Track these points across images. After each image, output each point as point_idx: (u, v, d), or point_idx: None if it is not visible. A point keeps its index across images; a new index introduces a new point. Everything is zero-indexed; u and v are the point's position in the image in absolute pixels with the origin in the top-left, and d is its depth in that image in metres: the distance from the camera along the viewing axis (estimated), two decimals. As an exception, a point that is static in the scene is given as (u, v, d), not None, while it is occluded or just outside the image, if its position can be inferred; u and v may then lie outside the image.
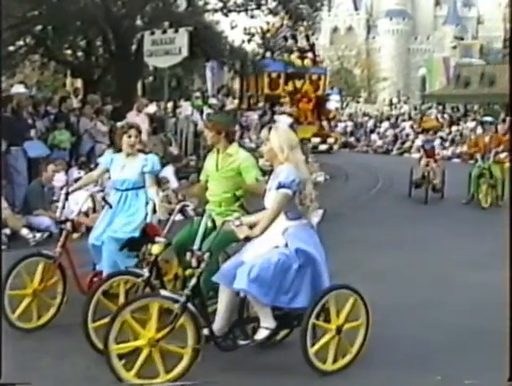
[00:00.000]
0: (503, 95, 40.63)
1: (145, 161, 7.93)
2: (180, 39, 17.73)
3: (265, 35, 29.86)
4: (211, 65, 28.05)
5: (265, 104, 30.41)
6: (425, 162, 17.60)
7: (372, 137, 39.32)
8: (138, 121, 13.04)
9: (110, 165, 8.07)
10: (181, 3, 22.39)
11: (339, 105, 52.64)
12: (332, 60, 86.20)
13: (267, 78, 32.48)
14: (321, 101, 35.52)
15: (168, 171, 15.73)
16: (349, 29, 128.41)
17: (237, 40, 25.90)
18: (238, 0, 23.05)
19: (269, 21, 29.90)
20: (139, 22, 21.96)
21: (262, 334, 6.10)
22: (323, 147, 32.49)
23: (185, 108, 22.79)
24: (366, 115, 46.45)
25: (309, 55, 34.38)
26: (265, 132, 6.30)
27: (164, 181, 14.68)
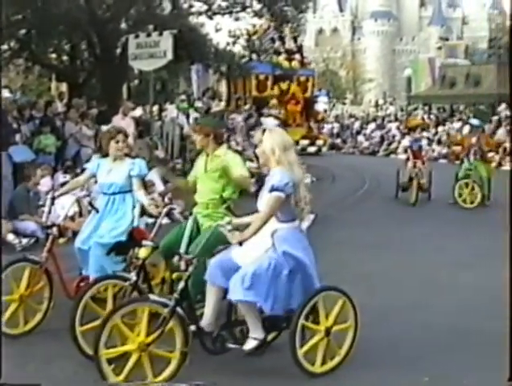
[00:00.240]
0: (489, 95, 40.91)
1: (132, 165, 7.92)
2: (165, 42, 17.69)
3: (250, 37, 29.80)
4: (196, 68, 28.03)
5: (251, 106, 30.37)
6: (412, 164, 17.53)
7: (358, 138, 39.34)
8: (124, 125, 13.02)
9: (97, 170, 8.05)
10: (166, 6, 22.34)
11: (327, 107, 52.75)
12: (318, 62, 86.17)
13: (255, 80, 32.39)
14: (309, 103, 35.46)
15: (154, 175, 15.67)
16: (334, 30, 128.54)
17: (222, 43, 25.87)
18: (223, 3, 23.00)
19: (255, 23, 29.88)
20: (124, 25, 21.90)
21: (251, 344, 6.09)
22: (311, 149, 32.47)
23: (171, 111, 22.77)
24: (352, 116, 46.50)
25: (297, 57, 34.35)
26: (258, 134, 6.29)
27: (150, 184, 14.63)
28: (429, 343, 7.10)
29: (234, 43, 26.61)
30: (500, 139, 28.06)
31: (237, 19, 24.20)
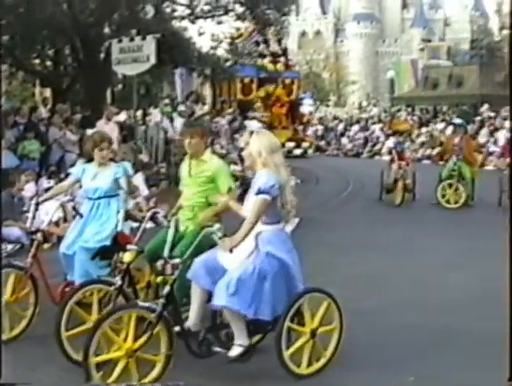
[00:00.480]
0: (471, 96, 41.11)
1: (117, 168, 7.94)
2: (148, 47, 17.67)
3: (234, 41, 29.77)
4: (179, 72, 28.01)
5: (235, 109, 30.35)
6: (397, 165, 17.53)
7: (342, 140, 39.39)
8: (108, 130, 13.03)
9: (82, 175, 8.05)
10: (149, 11, 22.29)
11: (312, 109, 52.77)
12: (301, 65, 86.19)
13: (240, 83, 32.33)
14: (295, 105, 35.51)
15: (138, 179, 15.67)
16: (317, 33, 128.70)
17: (206, 46, 25.87)
18: (205, 7, 23.00)
19: (238, 26, 29.88)
20: (107, 30, 21.86)
21: (236, 351, 6.08)
22: (297, 152, 32.49)
23: (155, 115, 22.75)
24: (336, 118, 46.52)
25: (282, 60, 34.37)
26: (246, 136, 6.29)
27: (135, 189, 14.62)
28: (417, 344, 7.12)
29: (216, 47, 26.58)
30: (483, 140, 28.23)
31: (220, 23, 24.20)
